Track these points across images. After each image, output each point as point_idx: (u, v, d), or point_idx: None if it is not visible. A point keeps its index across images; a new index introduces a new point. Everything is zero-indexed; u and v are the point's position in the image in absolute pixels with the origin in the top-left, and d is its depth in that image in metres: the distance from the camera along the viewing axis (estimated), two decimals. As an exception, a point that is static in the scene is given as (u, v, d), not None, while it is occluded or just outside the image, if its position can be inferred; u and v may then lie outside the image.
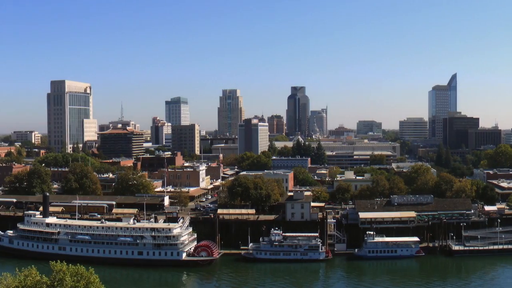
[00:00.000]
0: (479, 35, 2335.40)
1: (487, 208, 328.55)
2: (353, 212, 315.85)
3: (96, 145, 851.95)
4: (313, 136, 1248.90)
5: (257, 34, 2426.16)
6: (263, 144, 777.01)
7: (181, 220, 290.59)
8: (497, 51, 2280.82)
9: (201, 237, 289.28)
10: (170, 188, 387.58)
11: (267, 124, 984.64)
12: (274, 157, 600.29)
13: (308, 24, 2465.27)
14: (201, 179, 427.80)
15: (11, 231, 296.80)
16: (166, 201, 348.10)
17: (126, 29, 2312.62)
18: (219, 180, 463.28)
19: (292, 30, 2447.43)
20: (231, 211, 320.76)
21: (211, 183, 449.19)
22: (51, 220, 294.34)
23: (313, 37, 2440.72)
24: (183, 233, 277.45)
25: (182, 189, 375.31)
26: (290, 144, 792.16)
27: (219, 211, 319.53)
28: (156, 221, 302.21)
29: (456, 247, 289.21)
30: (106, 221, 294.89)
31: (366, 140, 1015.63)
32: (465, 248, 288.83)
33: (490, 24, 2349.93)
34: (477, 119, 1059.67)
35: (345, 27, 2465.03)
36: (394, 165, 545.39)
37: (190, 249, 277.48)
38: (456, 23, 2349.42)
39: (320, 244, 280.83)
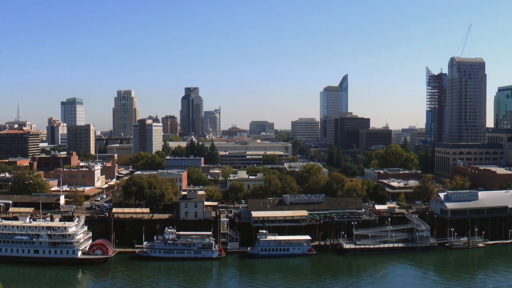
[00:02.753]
0: (370, 37, 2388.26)
1: (377, 207, 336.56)
2: (246, 211, 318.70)
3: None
4: (207, 136, 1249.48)
5: (151, 35, 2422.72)
6: (157, 144, 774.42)
7: (77, 219, 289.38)
8: (387, 53, 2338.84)
9: (96, 235, 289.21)
10: (65, 188, 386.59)
11: (161, 124, 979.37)
12: (168, 157, 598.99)
13: (202, 26, 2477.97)
14: (96, 179, 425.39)
15: None
16: (62, 200, 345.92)
17: (22, 29, 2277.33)
18: (114, 180, 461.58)
19: (186, 32, 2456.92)
20: (126, 210, 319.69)
21: (106, 183, 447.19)
22: None
23: (206, 39, 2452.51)
24: (78, 231, 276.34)
25: (77, 189, 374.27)
26: (184, 144, 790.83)
27: (114, 210, 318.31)
28: (52, 220, 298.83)
29: (347, 246, 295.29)
30: (3, 220, 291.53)
31: (258, 140, 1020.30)
32: (356, 246, 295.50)
33: (380, 25, 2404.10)
34: (368, 119, 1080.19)
35: (237, 29, 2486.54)
36: (286, 165, 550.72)
37: (86, 247, 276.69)
38: (348, 25, 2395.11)
39: (214, 243, 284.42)
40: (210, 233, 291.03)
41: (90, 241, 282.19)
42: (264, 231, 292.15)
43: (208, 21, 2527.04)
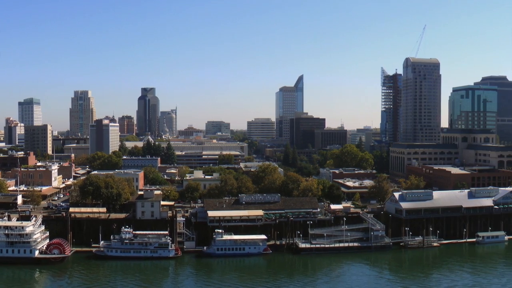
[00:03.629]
0: (325, 37, 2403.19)
1: (333, 206, 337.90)
2: (202, 210, 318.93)
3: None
4: (163, 136, 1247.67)
5: (108, 36, 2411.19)
6: (114, 144, 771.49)
7: (34, 219, 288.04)
8: (343, 53, 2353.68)
9: (53, 235, 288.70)
10: (23, 187, 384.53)
11: (118, 124, 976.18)
12: (125, 157, 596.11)
13: (158, 26, 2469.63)
14: (53, 179, 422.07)
15: None
16: (19, 199, 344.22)
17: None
18: (71, 179, 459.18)
19: (143, 32, 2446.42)
20: (83, 209, 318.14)
21: (63, 182, 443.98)
22: None
23: (163, 39, 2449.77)
24: (35, 231, 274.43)
25: (34, 188, 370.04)
26: (140, 144, 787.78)
27: (71, 209, 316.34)
28: (9, 219, 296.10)
29: (302, 245, 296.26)
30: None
31: (214, 140, 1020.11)
32: (312, 246, 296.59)
33: (336, 26, 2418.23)
34: (323, 119, 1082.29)
35: (193, 29, 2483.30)
36: (242, 165, 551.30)
37: (43, 246, 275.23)
38: (303, 25, 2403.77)
39: (170, 242, 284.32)
40: (167, 232, 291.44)
41: (47, 241, 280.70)
42: (220, 231, 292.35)
43: (165, 22, 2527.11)
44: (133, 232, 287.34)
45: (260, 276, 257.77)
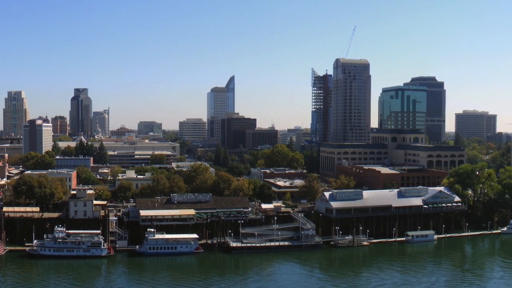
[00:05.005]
0: (257, 38, 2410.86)
1: (264, 206, 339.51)
2: (134, 210, 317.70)
3: None
4: (96, 137, 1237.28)
5: (41, 36, 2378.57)
6: (47, 144, 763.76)
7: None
8: (274, 54, 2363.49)
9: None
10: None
11: (51, 124, 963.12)
12: (58, 157, 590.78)
13: (90, 27, 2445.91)
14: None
15: None
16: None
17: None
18: (5, 179, 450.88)
19: (75, 33, 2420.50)
20: (16, 209, 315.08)
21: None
22: None
23: (94, 40, 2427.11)
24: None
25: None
26: (73, 144, 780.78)
27: (5, 209, 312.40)
28: None
29: (234, 244, 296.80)
30: None
31: (147, 140, 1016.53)
32: (243, 245, 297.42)
33: (267, 27, 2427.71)
34: (254, 119, 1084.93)
35: (125, 30, 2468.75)
36: (174, 164, 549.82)
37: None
38: (234, 26, 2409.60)
39: (102, 241, 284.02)
40: (99, 231, 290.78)
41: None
42: (152, 230, 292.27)
43: (97, 23, 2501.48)
44: (66, 231, 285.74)
45: (192, 275, 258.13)
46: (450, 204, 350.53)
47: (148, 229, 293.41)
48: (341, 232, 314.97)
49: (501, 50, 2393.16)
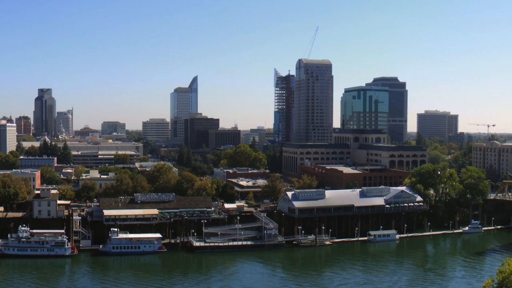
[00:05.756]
0: (220, 39, 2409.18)
1: (227, 205, 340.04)
2: (98, 209, 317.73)
3: None
4: (60, 137, 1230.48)
5: (4, 36, 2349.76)
6: (11, 144, 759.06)
7: None
8: (237, 54, 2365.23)
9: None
10: None
11: (15, 125, 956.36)
12: (22, 157, 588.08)
13: (53, 27, 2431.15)
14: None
15: None
16: None
17: None
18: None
19: (39, 33, 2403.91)
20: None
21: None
22: None
23: (58, 40, 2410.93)
24: None
25: None
26: (37, 144, 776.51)
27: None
28: None
29: (197, 243, 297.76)
30: None
31: (110, 140, 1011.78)
32: (206, 244, 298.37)
33: (229, 27, 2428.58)
34: (217, 120, 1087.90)
35: (89, 30, 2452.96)
36: (137, 164, 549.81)
37: None
38: (197, 27, 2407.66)
39: (66, 241, 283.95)
40: (63, 231, 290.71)
41: None
42: (116, 229, 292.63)
43: (61, 23, 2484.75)
44: (30, 230, 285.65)
45: (155, 274, 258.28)
46: (412, 204, 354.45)
47: (111, 229, 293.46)
48: (303, 232, 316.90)
49: (463, 51, 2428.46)
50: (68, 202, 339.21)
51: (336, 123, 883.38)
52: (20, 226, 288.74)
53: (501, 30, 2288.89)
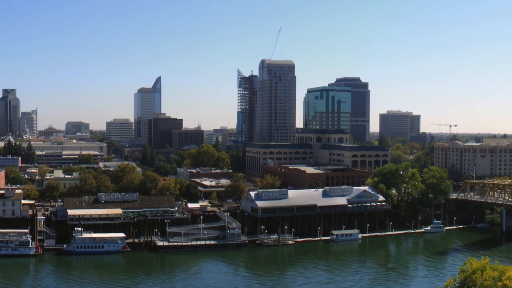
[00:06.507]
0: (183, 39, 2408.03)
1: (190, 205, 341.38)
2: (62, 209, 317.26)
3: None
4: (24, 137, 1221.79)
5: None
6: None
7: None
8: (200, 55, 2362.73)
9: None
10: None
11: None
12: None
13: (18, 27, 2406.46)
14: None
15: None
16: None
17: None
18: None
19: (2, 33, 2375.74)
20: None
21: None
22: None
23: (23, 41, 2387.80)
24: None
25: None
26: (1, 144, 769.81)
27: None
28: None
29: (160, 243, 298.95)
30: None
31: (74, 140, 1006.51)
32: (169, 243, 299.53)
33: (193, 28, 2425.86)
34: (181, 120, 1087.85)
35: (53, 31, 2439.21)
36: (101, 164, 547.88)
37: None
38: (161, 27, 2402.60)
39: (30, 240, 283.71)
40: (27, 230, 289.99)
41: None
42: (80, 229, 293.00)
43: (25, 24, 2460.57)
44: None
45: (119, 273, 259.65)
46: (374, 204, 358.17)
47: (75, 228, 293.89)
48: (266, 231, 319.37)
49: (425, 51, 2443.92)
50: (32, 201, 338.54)
51: (299, 123, 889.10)
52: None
53: (461, 30, 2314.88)
